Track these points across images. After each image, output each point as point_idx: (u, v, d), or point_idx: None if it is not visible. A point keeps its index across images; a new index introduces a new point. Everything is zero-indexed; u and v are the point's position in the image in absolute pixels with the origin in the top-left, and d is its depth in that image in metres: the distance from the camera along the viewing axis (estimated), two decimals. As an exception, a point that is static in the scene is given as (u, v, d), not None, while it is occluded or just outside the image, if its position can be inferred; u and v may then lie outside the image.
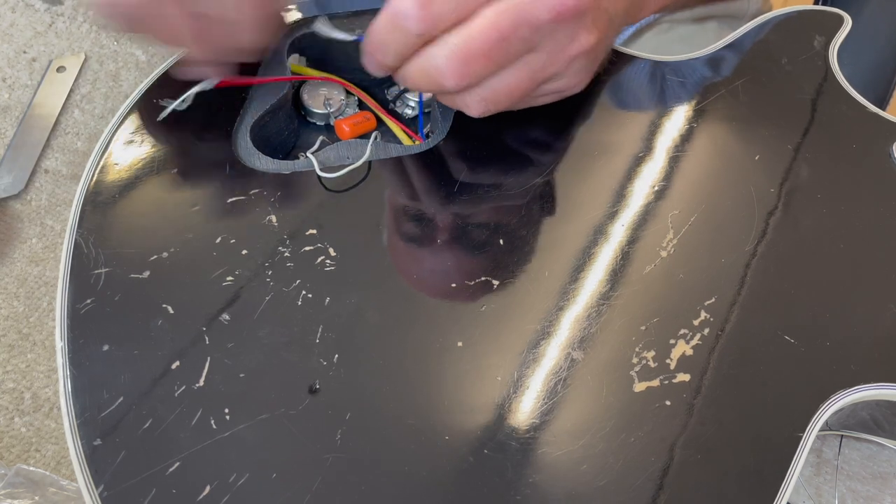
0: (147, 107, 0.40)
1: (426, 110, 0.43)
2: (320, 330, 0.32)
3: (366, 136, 0.40)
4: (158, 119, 0.39)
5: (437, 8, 0.32)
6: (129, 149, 0.39)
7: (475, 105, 0.36)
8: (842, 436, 0.41)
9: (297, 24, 0.43)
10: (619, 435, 0.30)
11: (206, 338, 0.32)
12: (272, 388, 0.31)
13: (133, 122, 0.40)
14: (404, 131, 0.42)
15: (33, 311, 0.44)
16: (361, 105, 0.44)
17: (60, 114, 0.50)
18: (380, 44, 0.34)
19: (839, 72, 0.44)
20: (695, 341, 0.33)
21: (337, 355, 0.32)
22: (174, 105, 0.39)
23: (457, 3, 0.32)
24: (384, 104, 0.45)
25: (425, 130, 0.43)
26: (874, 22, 0.59)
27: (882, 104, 0.59)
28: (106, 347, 0.32)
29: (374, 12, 0.46)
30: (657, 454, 0.30)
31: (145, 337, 0.32)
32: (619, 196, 0.38)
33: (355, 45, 0.37)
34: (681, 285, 0.34)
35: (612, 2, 0.36)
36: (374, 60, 0.35)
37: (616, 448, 0.30)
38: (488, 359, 0.32)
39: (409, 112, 0.45)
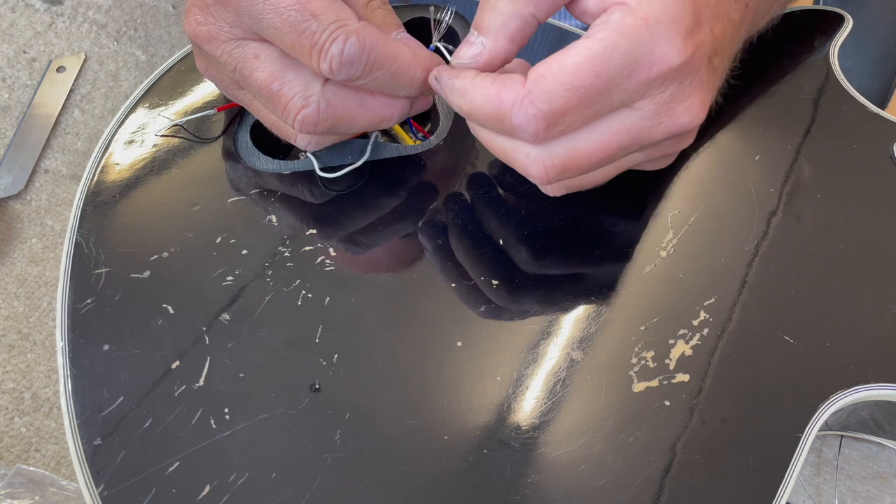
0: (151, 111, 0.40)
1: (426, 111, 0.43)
2: (320, 330, 0.32)
3: (366, 135, 0.40)
4: (158, 133, 0.39)
5: (562, 129, 0.30)
6: (130, 149, 0.39)
7: (553, 192, 0.34)
8: (842, 436, 0.41)
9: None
10: (618, 435, 0.30)
11: (206, 337, 0.32)
12: (272, 388, 0.31)
13: (133, 122, 0.40)
14: (405, 131, 0.42)
15: (33, 311, 0.44)
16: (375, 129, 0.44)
17: (60, 114, 0.50)
18: (466, 112, 0.32)
19: (840, 72, 0.44)
20: (694, 341, 0.33)
21: (336, 355, 0.32)
22: (177, 122, 0.39)
23: (586, 120, 0.30)
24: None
25: (426, 130, 0.43)
26: (876, 12, 0.59)
27: (885, 96, 0.59)
28: (106, 347, 0.32)
29: None
30: (656, 454, 0.30)
31: (145, 337, 0.32)
32: (619, 195, 0.38)
33: None
34: (680, 285, 0.34)
35: (720, 68, 0.34)
36: (447, 100, 0.32)
37: (615, 448, 0.30)
38: (488, 359, 0.32)
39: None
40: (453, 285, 0.34)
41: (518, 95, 0.29)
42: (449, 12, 0.36)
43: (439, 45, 0.35)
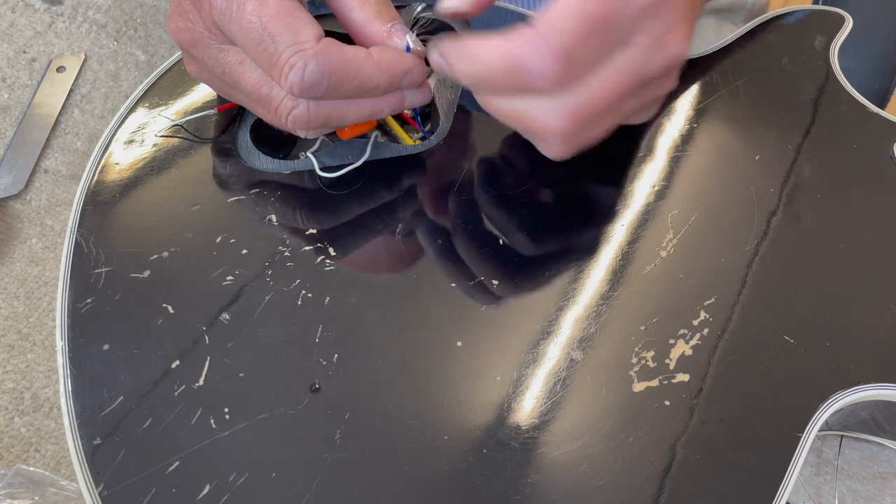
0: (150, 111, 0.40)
1: (426, 110, 0.43)
2: (320, 329, 0.32)
3: (366, 135, 0.40)
4: (158, 134, 0.39)
5: (577, 67, 0.29)
6: (130, 149, 0.39)
7: (560, 152, 0.33)
8: (842, 436, 0.41)
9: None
10: (618, 435, 0.30)
11: (206, 337, 0.32)
12: (272, 388, 0.31)
13: (133, 122, 0.40)
14: (404, 131, 0.42)
15: (33, 311, 0.44)
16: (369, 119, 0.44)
17: (60, 114, 0.50)
18: (480, 76, 0.31)
19: (840, 72, 0.44)
20: (694, 341, 0.33)
21: (336, 355, 0.32)
22: (177, 122, 0.39)
23: (596, 57, 0.30)
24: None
25: (425, 130, 0.43)
26: (876, 12, 0.59)
27: (885, 96, 0.59)
28: (106, 347, 0.32)
29: None
30: (656, 454, 0.30)
31: (145, 336, 0.32)
32: (619, 196, 0.38)
33: None
34: (680, 285, 0.34)
35: (694, 23, 0.34)
36: (457, 74, 0.32)
37: (615, 448, 0.30)
38: (488, 359, 0.32)
39: (408, 112, 0.45)
40: (453, 285, 0.34)
41: (532, 41, 0.29)
42: (420, 5, 0.37)
43: (410, 40, 0.35)
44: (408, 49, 0.34)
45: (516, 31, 0.30)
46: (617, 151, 0.40)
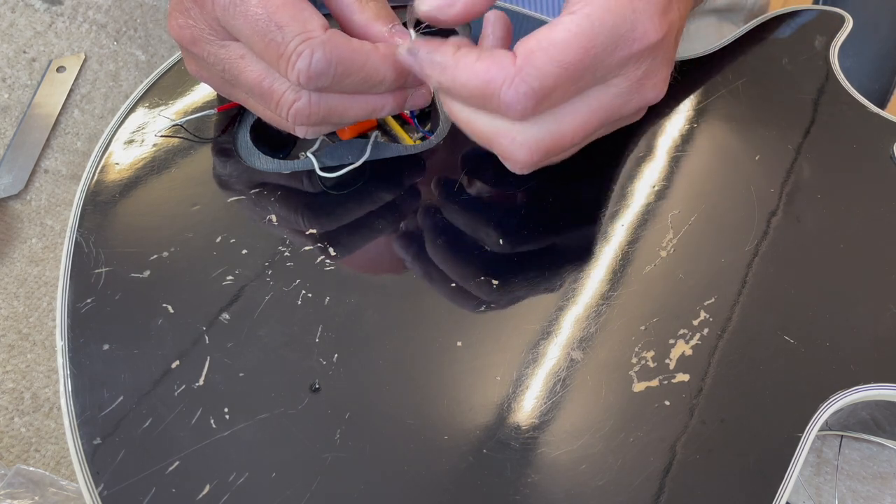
0: (150, 111, 0.40)
1: (426, 109, 0.43)
2: (320, 329, 0.32)
3: (366, 135, 0.40)
4: (158, 134, 0.39)
5: (548, 105, 0.30)
6: (130, 149, 0.39)
7: (523, 169, 0.33)
8: (842, 436, 0.41)
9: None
10: (618, 435, 0.30)
11: (206, 337, 0.32)
12: (272, 388, 0.31)
13: (133, 122, 0.40)
14: (404, 131, 0.42)
15: (33, 311, 0.44)
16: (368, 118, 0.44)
17: (60, 114, 0.50)
18: (449, 89, 0.31)
19: (840, 72, 0.44)
20: (694, 341, 0.33)
21: (336, 355, 0.32)
22: (177, 122, 0.39)
23: (570, 96, 0.30)
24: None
25: (425, 130, 0.43)
26: (876, 12, 0.59)
27: (885, 96, 0.59)
28: (106, 347, 0.32)
29: None
30: (656, 454, 0.30)
31: (145, 336, 0.32)
32: (619, 196, 0.38)
33: None
34: (680, 285, 0.34)
35: (677, 45, 0.34)
36: (425, 76, 0.31)
37: (615, 448, 0.30)
38: (488, 359, 0.32)
39: (407, 111, 0.45)
40: (453, 285, 0.34)
41: (508, 73, 0.29)
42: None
43: (413, 31, 0.34)
44: None
45: (494, 53, 0.29)
46: (617, 151, 0.40)
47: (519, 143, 0.31)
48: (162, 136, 0.39)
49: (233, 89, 0.36)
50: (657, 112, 0.42)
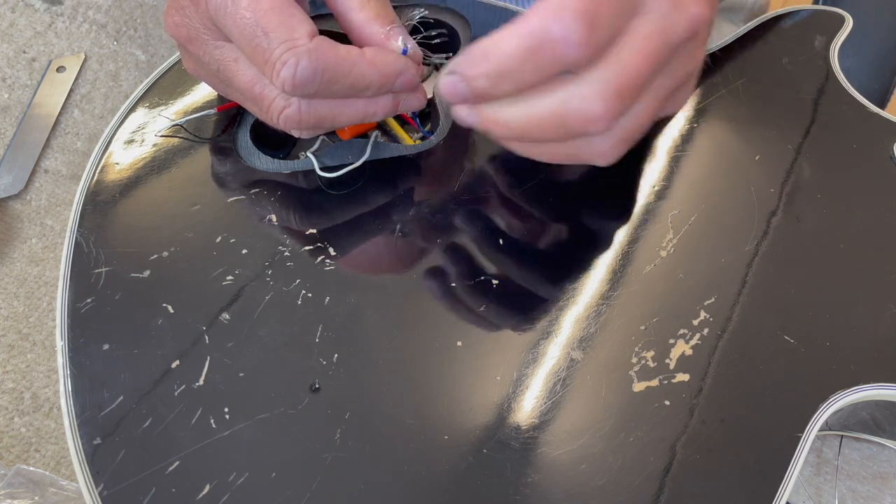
0: (149, 111, 0.40)
1: (426, 110, 0.43)
2: (320, 329, 0.32)
3: (366, 135, 0.40)
4: (158, 134, 0.39)
5: (602, 32, 0.28)
6: (130, 148, 0.39)
7: (610, 151, 0.31)
8: (842, 436, 0.41)
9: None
10: (618, 435, 0.30)
11: (206, 337, 0.32)
12: (272, 388, 0.31)
13: (133, 122, 0.40)
14: (404, 131, 0.42)
15: (33, 311, 0.44)
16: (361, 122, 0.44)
17: (60, 114, 0.50)
18: (502, 70, 0.29)
19: (840, 72, 0.44)
20: (694, 341, 0.33)
21: (336, 355, 0.32)
22: (177, 122, 0.39)
23: (618, 23, 0.28)
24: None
25: (426, 130, 0.43)
26: (876, 12, 0.59)
27: (885, 96, 0.59)
28: (106, 346, 0.32)
29: None
30: (656, 454, 0.30)
31: (145, 336, 0.32)
32: (620, 196, 0.38)
33: None
34: (680, 285, 0.34)
35: (715, 8, 0.33)
36: (473, 89, 0.29)
37: (615, 448, 0.30)
38: (488, 358, 0.32)
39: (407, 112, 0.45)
40: (453, 285, 0.34)
41: (547, 10, 0.27)
42: (419, 13, 0.36)
43: (408, 44, 0.34)
44: (404, 52, 0.34)
45: (524, 14, 0.28)
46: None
47: (592, 94, 0.29)
48: (162, 136, 0.39)
49: (228, 88, 0.36)
50: (657, 112, 0.42)
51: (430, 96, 0.41)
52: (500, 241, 0.36)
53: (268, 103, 0.33)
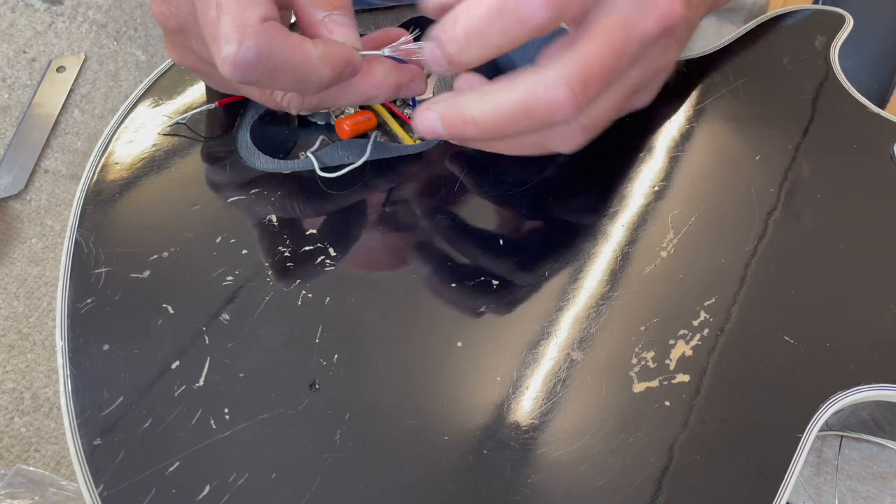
0: (149, 111, 0.40)
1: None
2: (320, 330, 0.32)
3: (366, 135, 0.40)
4: (159, 132, 0.39)
5: (566, 10, 0.28)
6: (130, 148, 0.39)
7: (574, 138, 0.32)
8: (842, 436, 0.41)
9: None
10: (618, 435, 0.30)
11: (206, 337, 0.32)
12: (272, 388, 0.31)
13: (133, 121, 0.40)
14: (404, 131, 0.42)
15: (33, 311, 0.44)
16: (362, 104, 0.44)
17: (60, 114, 0.50)
18: (469, 34, 0.29)
19: (840, 72, 0.44)
20: (694, 342, 0.33)
21: (336, 355, 0.32)
22: (177, 120, 0.39)
23: (584, 8, 0.29)
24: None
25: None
26: (876, 12, 0.59)
27: (885, 96, 0.59)
28: (106, 347, 0.32)
29: (362, 11, 0.46)
30: (656, 454, 0.30)
31: (145, 336, 0.32)
32: (619, 196, 0.38)
33: None
34: (681, 285, 0.34)
35: (696, 10, 0.33)
36: (446, 54, 0.30)
37: (615, 448, 0.30)
38: (488, 359, 0.32)
39: (408, 111, 0.45)
40: (453, 285, 0.34)
41: None
42: (415, 33, 0.36)
43: (388, 52, 0.34)
44: (401, 60, 0.34)
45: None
46: (617, 151, 0.40)
47: (554, 84, 0.29)
48: (162, 136, 0.39)
49: (214, 71, 0.35)
50: (657, 111, 0.42)
51: (429, 94, 0.41)
52: (501, 242, 0.36)
53: (260, 96, 0.33)
